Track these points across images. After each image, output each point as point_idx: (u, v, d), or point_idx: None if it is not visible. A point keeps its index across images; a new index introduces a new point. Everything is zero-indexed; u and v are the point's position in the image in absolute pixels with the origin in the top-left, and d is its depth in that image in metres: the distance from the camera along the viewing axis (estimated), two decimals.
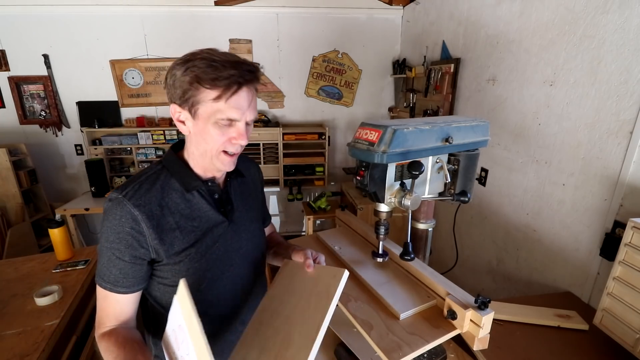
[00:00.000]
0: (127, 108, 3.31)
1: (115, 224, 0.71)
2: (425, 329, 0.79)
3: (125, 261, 0.73)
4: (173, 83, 0.72)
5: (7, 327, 1.22)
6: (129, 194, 0.72)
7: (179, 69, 0.70)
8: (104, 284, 0.74)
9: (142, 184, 0.75)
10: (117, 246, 0.72)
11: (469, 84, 2.24)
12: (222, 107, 0.71)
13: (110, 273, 0.73)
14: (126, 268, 0.73)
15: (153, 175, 0.78)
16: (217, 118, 0.72)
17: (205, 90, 0.70)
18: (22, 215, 3.00)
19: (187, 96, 0.71)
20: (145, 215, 0.72)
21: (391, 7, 3.27)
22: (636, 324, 0.99)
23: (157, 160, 0.83)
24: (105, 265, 0.73)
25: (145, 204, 0.73)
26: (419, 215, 1.02)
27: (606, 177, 1.34)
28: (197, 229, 0.79)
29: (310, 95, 3.53)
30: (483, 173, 2.09)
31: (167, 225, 0.75)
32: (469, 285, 2.27)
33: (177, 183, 0.78)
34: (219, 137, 0.74)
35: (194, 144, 0.78)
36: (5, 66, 3.03)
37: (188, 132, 0.76)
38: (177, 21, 3.11)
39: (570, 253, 1.51)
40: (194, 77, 0.69)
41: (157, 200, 0.75)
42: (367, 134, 0.82)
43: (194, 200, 0.79)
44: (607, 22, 1.30)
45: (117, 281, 0.73)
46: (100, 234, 0.74)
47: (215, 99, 0.70)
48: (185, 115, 0.74)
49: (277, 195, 3.81)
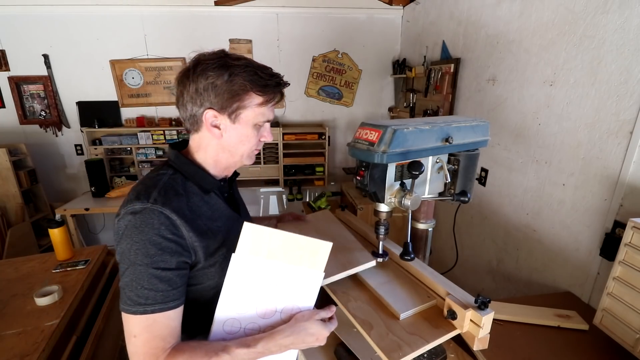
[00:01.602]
0: (127, 108, 3.31)
1: (154, 234, 0.66)
2: (425, 329, 0.79)
3: (172, 270, 0.68)
4: (213, 89, 0.71)
5: (7, 327, 1.22)
6: (158, 200, 0.68)
7: (218, 74, 0.71)
8: (150, 309, 0.65)
9: (166, 189, 0.71)
10: (162, 257, 0.66)
11: (469, 84, 2.24)
12: (265, 111, 0.76)
13: (157, 291, 0.66)
14: (174, 278, 0.68)
15: (170, 180, 0.75)
16: (258, 121, 0.76)
17: (255, 97, 0.74)
18: (22, 215, 3.00)
19: (231, 102, 0.73)
20: (183, 219, 0.69)
21: (391, 7, 3.27)
22: (636, 324, 0.99)
23: (162, 164, 0.80)
24: (146, 286, 0.65)
25: (178, 208, 0.70)
26: (419, 215, 1.02)
27: (606, 177, 1.34)
28: (221, 228, 0.79)
29: (310, 95, 3.53)
30: (483, 173, 2.10)
31: (199, 228, 0.73)
32: (469, 285, 2.27)
33: (195, 186, 0.77)
34: (255, 138, 0.79)
35: (222, 147, 0.78)
36: (5, 66, 3.04)
37: (220, 137, 0.76)
38: (177, 21, 3.11)
39: (570, 253, 1.51)
40: (244, 83, 0.72)
41: (185, 204, 0.72)
42: (367, 134, 0.82)
43: (212, 202, 0.79)
44: (607, 22, 1.30)
45: (166, 297, 0.67)
46: (129, 253, 0.66)
47: (261, 105, 0.75)
48: (221, 120, 0.75)
49: (277, 195, 3.81)
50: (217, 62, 0.71)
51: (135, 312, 0.65)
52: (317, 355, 1.11)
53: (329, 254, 0.75)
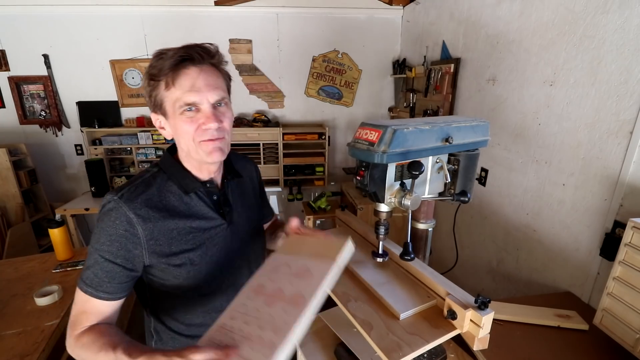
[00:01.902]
0: (127, 108, 3.31)
1: (109, 226, 0.70)
2: (425, 329, 0.79)
3: (115, 264, 0.71)
4: (145, 92, 0.74)
5: (7, 327, 1.22)
6: (124, 196, 0.71)
7: (144, 77, 0.72)
8: (85, 288, 0.71)
9: (137, 186, 0.74)
10: (109, 248, 0.70)
11: (469, 84, 2.24)
12: (178, 94, 0.69)
13: (95, 276, 0.71)
14: (114, 271, 0.71)
15: (149, 178, 0.77)
16: (179, 107, 0.70)
17: (159, 83, 0.70)
18: (22, 215, 3.00)
19: (152, 99, 0.72)
20: (141, 218, 0.71)
21: (391, 7, 3.27)
22: (636, 324, 0.99)
23: (154, 163, 0.82)
24: (91, 267, 0.71)
25: (141, 206, 0.72)
26: (419, 215, 1.02)
27: (606, 177, 1.34)
28: (196, 231, 0.77)
29: (310, 95, 3.53)
30: (483, 173, 2.10)
31: (164, 228, 0.74)
32: (469, 285, 2.27)
33: (175, 186, 0.77)
34: (189, 127, 0.71)
35: (178, 145, 0.78)
36: (5, 66, 3.03)
37: (170, 136, 0.77)
38: (177, 21, 3.12)
39: (570, 253, 1.51)
40: (148, 74, 0.71)
41: (154, 202, 0.74)
42: (367, 134, 0.82)
43: (192, 203, 0.78)
44: (607, 22, 1.30)
45: (100, 285, 0.71)
46: (92, 236, 0.72)
47: (167, 87, 0.70)
48: (162, 120, 0.75)
49: (277, 195, 3.81)
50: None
51: (79, 286, 0.73)
52: (317, 355, 1.11)
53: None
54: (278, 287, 0.69)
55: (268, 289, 0.70)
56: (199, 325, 0.84)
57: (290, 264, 0.73)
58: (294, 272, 0.71)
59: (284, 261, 0.75)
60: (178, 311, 0.83)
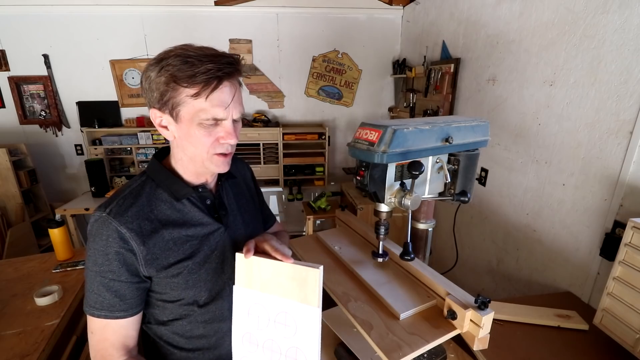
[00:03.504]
0: (127, 108, 3.31)
1: (102, 245, 0.67)
2: (425, 329, 0.79)
3: (121, 281, 0.68)
4: (149, 86, 0.67)
5: (7, 327, 1.22)
6: (113, 211, 0.68)
7: (152, 69, 0.66)
8: (97, 313, 0.68)
9: (125, 198, 0.71)
10: (109, 268, 0.67)
11: (469, 84, 2.24)
12: (205, 106, 0.66)
13: (104, 299, 0.68)
14: (123, 289, 0.69)
15: (137, 188, 0.73)
16: (201, 119, 0.67)
17: (184, 89, 0.65)
18: (22, 215, 2.99)
19: (165, 98, 0.66)
20: (134, 232, 0.68)
21: (391, 7, 3.27)
22: (636, 324, 0.99)
23: (141, 171, 0.78)
24: (95, 291, 0.68)
25: (132, 220, 0.68)
26: (419, 215, 1.02)
27: (606, 177, 1.34)
28: (192, 238, 0.74)
29: (310, 95, 3.53)
30: (483, 173, 2.09)
31: (159, 239, 0.71)
32: (469, 285, 2.27)
33: (165, 193, 0.74)
34: (207, 139, 0.69)
35: (181, 149, 0.73)
36: (5, 66, 3.03)
37: (173, 138, 0.72)
38: (177, 21, 3.12)
39: (570, 253, 1.51)
40: (170, 76, 0.64)
41: (145, 213, 0.70)
42: (367, 134, 0.82)
43: (185, 210, 0.75)
44: (607, 22, 1.30)
45: (113, 306, 0.68)
46: (87, 258, 0.68)
47: (195, 97, 0.65)
48: (167, 120, 0.69)
49: (277, 195, 3.81)
50: (157, 57, 0.67)
51: (88, 312, 0.69)
52: None
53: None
54: (268, 338, 0.69)
55: (259, 340, 0.70)
56: (199, 337, 0.80)
57: (265, 307, 0.68)
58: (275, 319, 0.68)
59: (258, 300, 0.69)
60: (177, 324, 0.79)
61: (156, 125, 0.71)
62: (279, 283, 0.66)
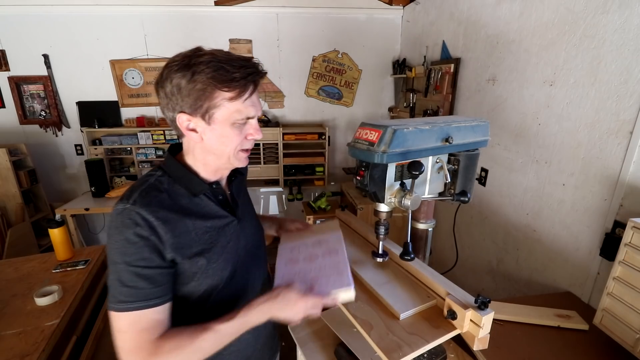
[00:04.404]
0: (127, 108, 3.31)
1: (131, 234, 0.67)
2: (425, 329, 0.79)
3: (154, 268, 0.69)
4: (179, 92, 0.69)
5: (7, 327, 1.22)
6: (137, 201, 0.69)
7: (180, 76, 0.67)
8: (132, 305, 0.67)
9: (147, 191, 0.72)
10: (140, 256, 0.67)
11: (469, 84, 2.24)
12: (240, 107, 0.71)
13: (140, 289, 0.67)
14: (155, 276, 0.69)
15: (155, 182, 0.75)
16: (235, 119, 0.72)
17: (222, 93, 0.69)
18: (22, 215, 2.99)
19: (200, 103, 0.69)
20: (161, 220, 0.69)
21: (391, 7, 3.27)
22: (636, 324, 0.99)
23: (155, 167, 0.80)
24: (128, 283, 0.67)
25: (157, 209, 0.70)
26: (419, 215, 1.02)
27: (606, 177, 1.34)
28: (211, 229, 0.78)
29: (310, 95, 3.53)
30: (483, 173, 2.10)
31: (183, 229, 0.73)
32: (469, 285, 2.27)
33: (182, 188, 0.77)
34: (237, 137, 0.74)
35: (206, 150, 0.76)
36: (5, 66, 3.03)
37: (200, 139, 0.74)
38: (177, 21, 3.11)
39: (570, 253, 1.51)
40: (207, 81, 0.67)
41: (169, 204, 0.73)
42: (367, 134, 0.82)
43: (202, 204, 0.78)
44: (607, 22, 1.30)
45: (148, 295, 0.68)
46: (111, 252, 0.68)
47: (232, 100, 0.70)
48: (196, 123, 0.72)
49: (277, 195, 3.81)
50: (181, 62, 0.68)
51: (119, 310, 0.67)
52: (317, 355, 1.11)
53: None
54: (309, 253, 0.92)
55: (301, 258, 0.91)
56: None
57: (305, 242, 0.98)
58: (312, 244, 0.96)
59: (297, 244, 0.99)
60: (193, 314, 0.79)
61: (182, 129, 0.73)
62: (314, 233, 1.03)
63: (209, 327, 0.69)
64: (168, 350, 0.67)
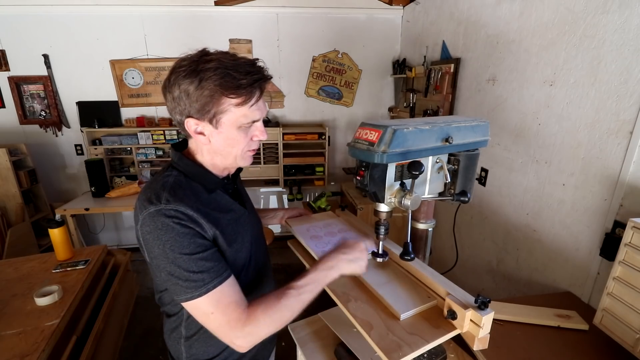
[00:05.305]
0: (127, 108, 3.31)
1: (181, 228, 0.69)
2: (425, 329, 0.79)
3: (212, 250, 0.73)
4: (187, 97, 0.70)
5: (7, 327, 1.22)
6: (170, 200, 0.70)
7: (189, 82, 0.69)
8: (211, 285, 0.70)
9: (175, 189, 0.74)
10: (198, 243, 0.71)
11: (469, 84, 2.24)
12: (247, 112, 0.73)
13: (210, 269, 0.71)
14: (215, 254, 0.73)
15: (174, 181, 0.76)
16: (242, 123, 0.74)
17: (229, 99, 0.71)
18: (22, 215, 3.00)
19: (207, 108, 0.71)
20: (199, 212, 0.72)
21: (391, 7, 3.27)
22: (636, 324, 0.99)
23: (166, 166, 0.82)
24: (197, 270, 0.69)
25: (190, 204, 0.72)
26: (419, 215, 1.02)
27: (606, 177, 1.34)
28: (231, 222, 0.82)
29: (310, 95, 3.53)
30: (483, 173, 2.10)
31: (215, 222, 0.76)
32: (469, 285, 2.27)
33: (199, 185, 0.79)
34: (244, 140, 0.77)
35: (214, 151, 0.79)
36: (5, 66, 3.03)
37: (208, 142, 0.77)
38: (177, 21, 3.11)
39: (570, 253, 1.51)
40: (215, 88, 0.69)
41: (195, 200, 0.75)
42: (367, 134, 0.82)
43: (219, 198, 0.82)
44: (607, 22, 1.30)
45: (219, 270, 0.72)
46: (164, 252, 0.69)
47: (239, 106, 0.72)
48: (204, 127, 0.74)
49: (277, 195, 3.82)
50: (188, 68, 0.70)
51: (201, 294, 0.69)
52: (317, 355, 1.11)
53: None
54: (327, 231, 1.14)
55: (322, 234, 1.12)
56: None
57: (315, 225, 1.19)
58: (322, 225, 1.19)
59: (309, 226, 1.18)
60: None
61: (190, 132, 0.76)
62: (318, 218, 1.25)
63: (288, 286, 0.76)
64: (261, 312, 0.72)
